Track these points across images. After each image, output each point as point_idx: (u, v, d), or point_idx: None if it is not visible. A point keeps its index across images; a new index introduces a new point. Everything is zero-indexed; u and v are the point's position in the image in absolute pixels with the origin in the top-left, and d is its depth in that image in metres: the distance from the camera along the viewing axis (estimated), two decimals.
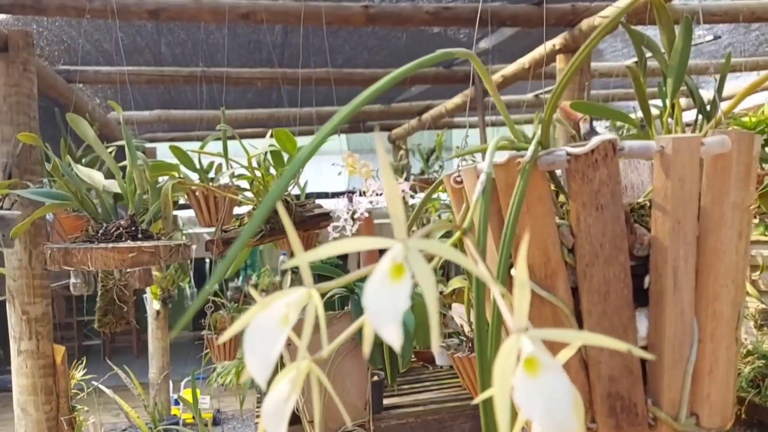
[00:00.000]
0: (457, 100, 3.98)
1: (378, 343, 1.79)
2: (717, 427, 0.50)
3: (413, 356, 3.18)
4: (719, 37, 3.60)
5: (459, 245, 0.58)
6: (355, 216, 2.15)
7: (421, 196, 4.29)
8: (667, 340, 0.47)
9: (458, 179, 0.56)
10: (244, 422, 5.70)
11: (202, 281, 4.68)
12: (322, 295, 1.42)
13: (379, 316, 0.33)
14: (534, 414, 0.30)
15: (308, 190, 2.49)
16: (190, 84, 3.39)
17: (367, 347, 0.35)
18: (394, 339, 0.33)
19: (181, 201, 2.34)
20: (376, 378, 2.11)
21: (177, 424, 3.82)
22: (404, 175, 4.32)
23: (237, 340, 3.01)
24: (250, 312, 0.37)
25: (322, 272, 1.93)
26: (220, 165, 2.36)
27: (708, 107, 2.05)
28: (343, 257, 5.28)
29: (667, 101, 2.07)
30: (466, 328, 1.90)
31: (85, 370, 2.99)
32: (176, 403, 4.62)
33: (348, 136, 5.33)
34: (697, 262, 0.49)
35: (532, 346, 0.32)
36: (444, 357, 4.16)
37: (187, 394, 5.42)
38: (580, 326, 0.49)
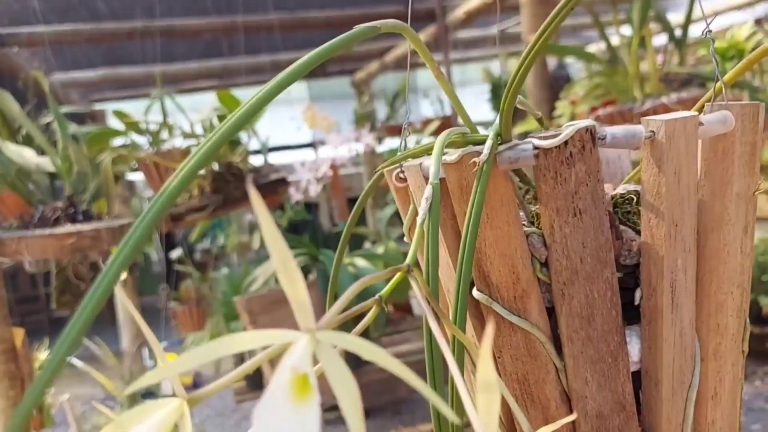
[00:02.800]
0: (420, 38, 3.81)
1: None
2: None
3: (392, 308, 3.14)
4: None
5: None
6: (318, 176, 2.04)
7: (388, 144, 4.16)
8: (665, 368, 0.39)
9: (401, 176, 0.46)
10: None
11: (171, 245, 4.55)
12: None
13: None
14: None
15: (270, 144, 2.36)
16: (134, 40, 3.17)
17: None
18: None
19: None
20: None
21: (154, 393, 3.77)
22: (369, 123, 4.18)
23: (204, 311, 2.93)
24: None
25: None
26: (172, 125, 2.22)
27: (681, 32, 1.92)
28: (314, 210, 5.17)
29: (636, 30, 1.93)
30: None
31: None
32: None
33: (309, 83, 5.13)
34: (696, 269, 0.40)
35: None
36: (419, 306, 4.15)
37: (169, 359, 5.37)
38: (559, 353, 0.40)
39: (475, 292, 0.42)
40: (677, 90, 1.88)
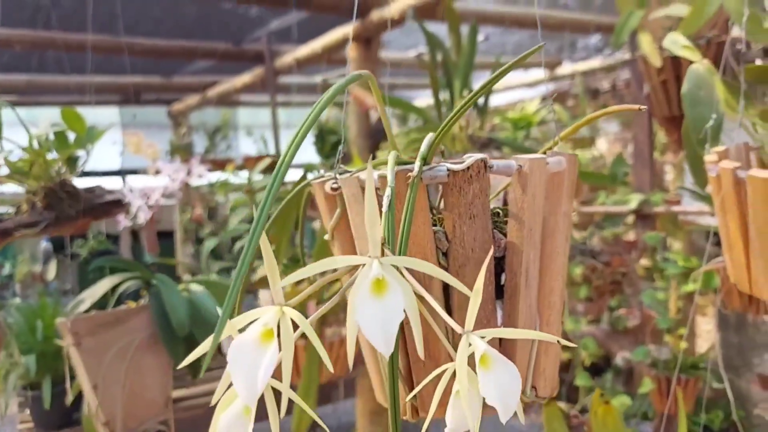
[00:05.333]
0: (247, 78, 3.91)
1: (180, 336, 1.73)
2: (548, 395, 0.61)
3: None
4: (488, 38, 4.04)
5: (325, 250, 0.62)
6: (150, 203, 2.03)
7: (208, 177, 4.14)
8: (520, 328, 0.57)
9: (335, 187, 0.59)
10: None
11: None
12: (115, 288, 1.35)
13: (373, 332, 0.37)
14: (491, 398, 0.37)
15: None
16: None
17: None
18: (388, 350, 0.37)
19: None
20: None
21: None
22: (187, 156, 4.14)
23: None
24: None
25: (116, 265, 1.80)
26: None
27: (483, 102, 2.27)
28: (115, 241, 4.89)
29: (455, 98, 2.25)
30: None
31: None
32: None
33: (121, 109, 4.92)
34: (539, 263, 0.59)
35: (484, 344, 0.37)
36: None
37: None
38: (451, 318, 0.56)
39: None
40: (480, 149, 2.23)
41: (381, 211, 0.50)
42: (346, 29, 3.03)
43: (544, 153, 0.59)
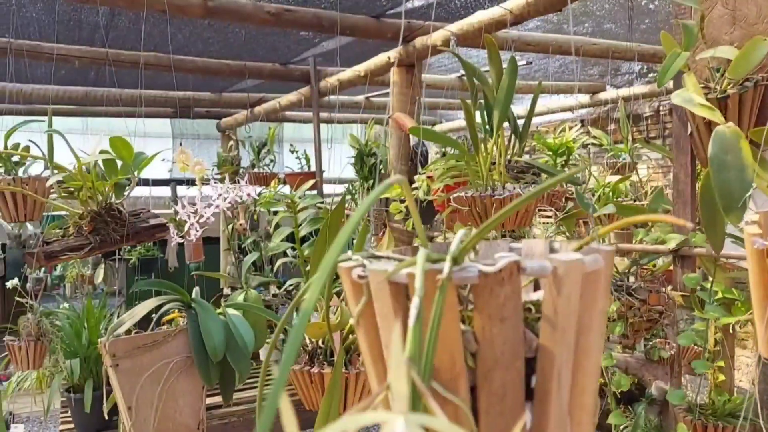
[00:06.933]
0: (292, 97, 3.96)
1: (214, 361, 1.74)
2: None
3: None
4: (531, 62, 4.00)
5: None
6: (201, 222, 2.05)
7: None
8: None
9: (362, 275, 0.58)
10: (42, 424, 5.20)
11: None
12: (157, 309, 1.36)
13: None
14: None
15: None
16: None
17: None
18: None
19: None
20: None
21: None
22: (233, 169, 4.21)
23: (43, 348, 2.74)
24: None
25: (159, 288, 1.84)
26: (27, 147, 2.13)
27: (521, 128, 2.23)
28: (163, 248, 5.01)
29: (494, 130, 2.23)
30: (306, 341, 1.93)
31: None
32: None
33: (172, 121, 5.05)
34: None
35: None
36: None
37: None
38: (477, 422, 0.54)
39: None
40: (516, 176, 2.19)
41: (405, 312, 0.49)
42: (389, 54, 3.03)
43: (580, 248, 0.57)
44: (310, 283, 0.44)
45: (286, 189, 3.71)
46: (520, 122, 2.17)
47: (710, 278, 2.14)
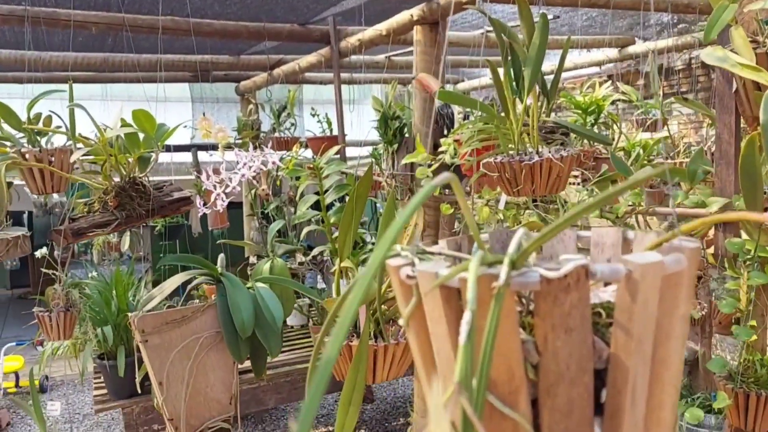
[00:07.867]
0: (312, 59, 3.85)
1: (242, 337, 1.72)
2: None
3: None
4: (558, 16, 3.83)
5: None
6: (227, 191, 1.99)
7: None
8: None
9: (411, 275, 0.52)
10: (75, 388, 5.32)
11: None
12: (186, 284, 1.31)
13: None
14: None
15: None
16: (9, 24, 2.93)
17: None
18: None
19: None
20: None
21: None
22: (256, 131, 4.14)
23: (73, 318, 2.75)
24: None
25: (186, 263, 1.80)
26: (49, 117, 2.09)
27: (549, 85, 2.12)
28: (187, 214, 5.00)
29: (526, 90, 2.12)
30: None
31: None
32: None
33: (191, 85, 4.98)
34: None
35: None
36: (296, 317, 4.16)
37: (9, 361, 4.92)
38: None
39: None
40: (544, 136, 2.09)
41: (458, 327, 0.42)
42: (411, 11, 2.91)
43: (659, 245, 0.50)
44: (356, 281, 0.38)
45: (308, 153, 3.64)
46: (548, 79, 2.07)
47: (754, 242, 2.04)
